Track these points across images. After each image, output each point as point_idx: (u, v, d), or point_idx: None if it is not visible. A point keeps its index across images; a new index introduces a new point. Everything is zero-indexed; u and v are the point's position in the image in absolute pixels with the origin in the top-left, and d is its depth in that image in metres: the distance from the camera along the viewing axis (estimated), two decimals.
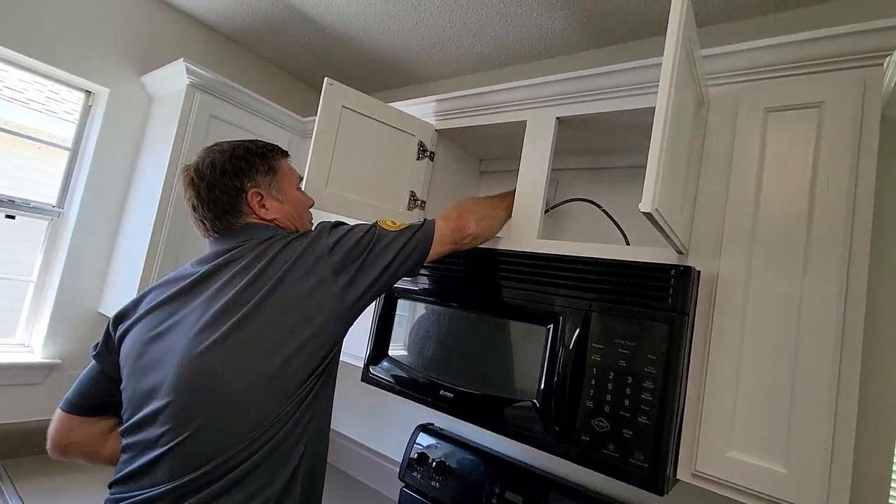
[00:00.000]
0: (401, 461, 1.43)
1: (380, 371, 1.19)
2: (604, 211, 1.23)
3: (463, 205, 1.04)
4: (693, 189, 0.89)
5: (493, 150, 1.50)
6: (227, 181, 0.84)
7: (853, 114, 0.76)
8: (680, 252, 0.87)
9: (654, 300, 0.84)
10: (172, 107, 1.43)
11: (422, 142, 1.32)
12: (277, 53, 1.87)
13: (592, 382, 0.87)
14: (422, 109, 1.35)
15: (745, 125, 0.86)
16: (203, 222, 0.86)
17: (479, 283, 1.08)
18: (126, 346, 0.79)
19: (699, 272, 0.85)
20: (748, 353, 0.79)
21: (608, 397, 0.85)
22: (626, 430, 0.82)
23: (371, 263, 0.82)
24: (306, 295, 0.76)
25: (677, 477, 0.82)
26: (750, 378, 0.78)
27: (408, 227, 0.90)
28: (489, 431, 1.36)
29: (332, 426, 1.74)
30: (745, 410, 0.78)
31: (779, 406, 0.75)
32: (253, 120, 1.56)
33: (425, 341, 1.14)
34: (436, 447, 1.38)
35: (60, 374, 1.45)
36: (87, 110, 1.54)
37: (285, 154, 0.96)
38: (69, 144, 1.53)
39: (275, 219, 0.88)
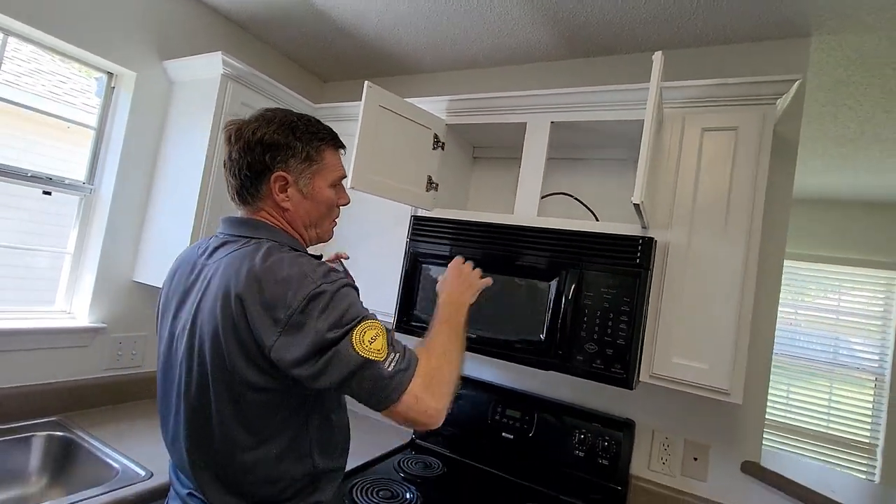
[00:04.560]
0: None
1: (413, 322, 1.48)
2: (578, 200, 1.59)
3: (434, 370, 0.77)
4: (653, 182, 1.26)
5: (485, 140, 1.80)
6: (258, 153, 0.81)
7: (756, 136, 1.16)
8: (644, 227, 1.25)
9: (628, 260, 1.21)
10: (204, 94, 1.57)
11: (436, 134, 1.58)
12: (284, 42, 2.00)
13: (585, 319, 1.24)
14: (434, 106, 1.61)
15: (688, 139, 1.23)
16: (228, 183, 0.86)
17: (492, 249, 1.40)
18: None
19: (656, 241, 1.23)
20: (687, 292, 1.19)
21: (596, 328, 1.22)
22: (608, 349, 1.19)
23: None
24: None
25: (640, 379, 1.22)
26: (688, 309, 1.18)
27: (376, 361, 0.70)
28: (486, 367, 1.73)
29: None
30: (684, 330, 1.18)
31: (704, 325, 1.16)
32: (272, 106, 1.73)
33: None
34: None
35: (105, 336, 1.59)
36: (110, 91, 1.62)
37: (337, 145, 0.90)
38: (84, 125, 1.60)
39: (287, 210, 0.85)
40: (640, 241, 1.20)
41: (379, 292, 1.60)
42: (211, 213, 1.54)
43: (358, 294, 0.80)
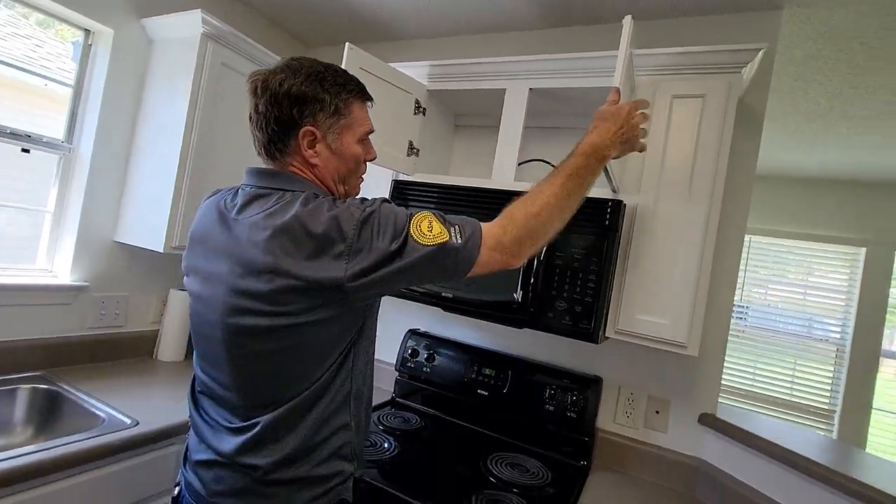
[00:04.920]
0: (395, 360, 1.81)
1: None
2: (554, 167, 1.62)
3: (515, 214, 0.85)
4: None
5: (466, 108, 1.82)
6: (286, 106, 0.79)
7: (722, 104, 1.21)
8: (615, 191, 1.30)
9: (598, 222, 1.26)
10: (183, 53, 1.56)
11: (418, 100, 1.60)
12: (267, 5, 1.98)
13: (556, 279, 1.29)
14: (416, 71, 1.62)
15: (660, 105, 1.28)
16: (254, 137, 0.84)
17: (470, 212, 1.44)
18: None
19: (625, 204, 1.28)
20: (652, 253, 1.25)
21: (566, 287, 1.28)
22: (577, 306, 1.26)
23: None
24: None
25: (606, 335, 1.29)
26: (652, 269, 1.25)
27: (445, 241, 0.76)
28: (464, 329, 1.79)
29: None
30: (648, 288, 1.25)
31: (666, 283, 1.23)
32: (254, 68, 1.72)
33: None
34: (425, 344, 1.77)
35: (87, 295, 1.60)
36: (87, 49, 1.60)
37: (364, 97, 0.88)
38: (62, 82, 1.58)
39: (316, 166, 0.84)
40: (610, 204, 1.25)
41: None
42: (192, 173, 1.54)
43: (393, 204, 0.82)
